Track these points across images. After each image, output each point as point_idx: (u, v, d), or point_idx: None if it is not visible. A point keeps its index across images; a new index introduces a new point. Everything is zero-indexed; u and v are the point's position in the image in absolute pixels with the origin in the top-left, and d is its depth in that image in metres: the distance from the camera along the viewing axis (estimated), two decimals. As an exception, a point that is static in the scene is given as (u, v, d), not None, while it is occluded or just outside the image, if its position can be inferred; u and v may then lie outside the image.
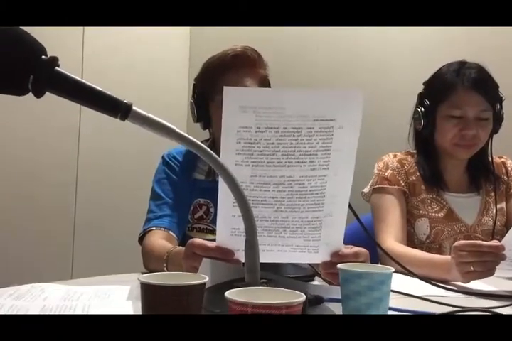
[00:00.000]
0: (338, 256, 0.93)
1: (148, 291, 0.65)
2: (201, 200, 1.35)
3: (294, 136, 0.84)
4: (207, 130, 1.42)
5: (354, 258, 0.94)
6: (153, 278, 0.67)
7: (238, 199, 0.72)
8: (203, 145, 0.72)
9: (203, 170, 1.37)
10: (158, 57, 2.38)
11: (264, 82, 1.36)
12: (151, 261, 1.18)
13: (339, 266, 0.82)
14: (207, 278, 0.69)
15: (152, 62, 2.36)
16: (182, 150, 1.40)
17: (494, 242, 1.07)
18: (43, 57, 0.67)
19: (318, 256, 0.94)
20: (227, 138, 0.84)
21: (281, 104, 0.82)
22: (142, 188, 1.46)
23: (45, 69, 0.67)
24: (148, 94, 2.30)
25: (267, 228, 0.90)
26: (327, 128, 0.85)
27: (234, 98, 0.82)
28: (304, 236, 0.92)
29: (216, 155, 0.72)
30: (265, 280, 0.79)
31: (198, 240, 0.94)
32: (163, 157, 1.41)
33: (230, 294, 0.59)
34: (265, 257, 0.92)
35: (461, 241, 1.09)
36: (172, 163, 1.39)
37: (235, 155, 0.84)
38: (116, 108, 0.69)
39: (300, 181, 0.87)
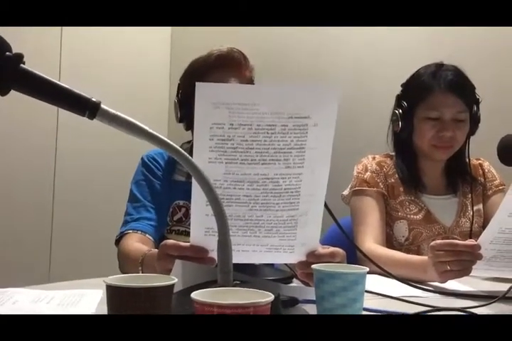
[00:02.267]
0: (314, 256, 0.92)
1: (113, 293, 0.63)
2: (180, 202, 1.34)
3: (268, 133, 0.83)
4: (190, 131, 1.41)
5: (330, 258, 0.92)
6: (119, 280, 0.65)
7: (210, 198, 0.71)
8: (173, 144, 0.70)
9: (183, 171, 1.36)
10: (139, 56, 2.36)
11: (250, 84, 1.35)
12: (127, 264, 1.16)
13: (313, 266, 0.81)
14: (175, 280, 0.67)
15: (133, 61, 2.34)
16: (162, 152, 1.38)
17: (471, 241, 1.07)
18: (7, 53, 0.65)
19: (293, 256, 0.93)
20: (200, 135, 0.82)
21: (255, 100, 0.81)
22: (121, 190, 1.44)
23: (9, 66, 0.65)
24: (129, 94, 2.29)
25: (241, 227, 0.89)
26: (301, 125, 0.84)
27: (206, 94, 0.80)
28: (280, 236, 0.91)
29: (187, 154, 0.70)
30: (238, 282, 0.78)
31: (171, 241, 0.92)
32: (142, 158, 1.39)
33: (196, 295, 0.57)
34: (240, 257, 0.90)
35: (438, 241, 1.08)
36: (151, 165, 1.37)
37: (208, 152, 0.83)
38: (84, 106, 0.67)
39: (275, 179, 0.86)
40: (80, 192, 2.12)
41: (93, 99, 0.67)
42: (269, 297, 0.57)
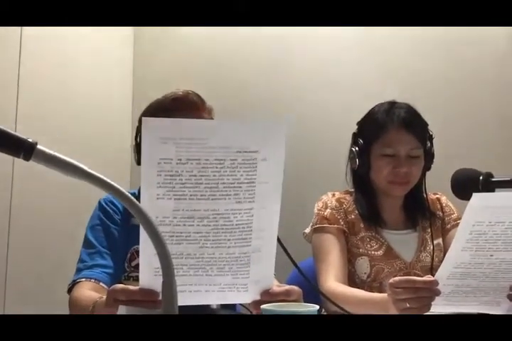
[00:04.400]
0: (268, 295, 0.89)
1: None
2: (138, 247, 1.30)
3: (216, 167, 0.83)
4: None
5: (285, 296, 0.90)
6: None
7: (153, 237, 0.68)
8: (114, 184, 0.68)
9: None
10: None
11: None
12: (77, 313, 1.10)
13: (262, 306, 0.79)
14: None
15: (94, 96, 2.32)
16: None
17: (428, 277, 1.06)
18: None
19: (247, 295, 0.90)
20: (147, 171, 0.81)
21: (203, 135, 0.81)
22: (78, 235, 1.39)
23: None
24: (90, 134, 2.26)
25: (192, 266, 0.86)
26: (250, 160, 0.84)
27: (153, 129, 0.80)
28: (232, 274, 0.88)
29: (126, 192, 0.68)
30: None
31: (119, 285, 0.89)
32: (99, 202, 1.35)
33: None
34: (192, 298, 0.87)
35: (396, 278, 1.07)
36: (108, 208, 1.33)
37: (156, 188, 0.81)
38: (19, 147, 0.65)
39: (225, 215, 0.85)
40: (34, 235, 2.05)
41: (29, 140, 0.65)
42: None
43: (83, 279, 1.20)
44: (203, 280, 0.87)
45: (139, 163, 1.36)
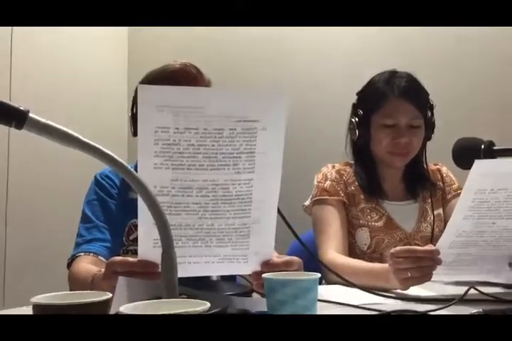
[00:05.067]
0: (268, 266, 0.89)
1: (39, 312, 0.58)
2: (137, 221, 1.28)
3: (215, 137, 0.81)
4: None
5: (286, 267, 0.89)
6: (49, 298, 0.60)
7: (151, 207, 0.67)
8: (110, 153, 0.66)
9: None
10: (95, 60, 2.31)
11: None
12: (76, 287, 1.10)
13: (264, 275, 0.78)
14: (108, 296, 0.62)
15: (88, 65, 2.28)
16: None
17: (429, 246, 1.05)
18: None
19: (247, 267, 0.90)
20: (144, 140, 0.79)
21: (201, 103, 0.79)
22: (75, 210, 1.38)
23: None
24: (85, 101, 2.23)
25: (191, 237, 0.85)
26: (250, 129, 0.82)
27: (150, 97, 0.78)
28: (232, 245, 0.87)
29: (122, 161, 0.67)
30: (185, 296, 0.74)
31: (118, 257, 0.88)
32: (95, 177, 1.33)
33: (126, 309, 0.53)
34: (191, 270, 0.86)
35: (397, 248, 1.07)
36: (105, 183, 1.31)
37: (153, 157, 0.79)
38: (10, 115, 0.62)
39: (224, 185, 0.83)
40: (32, 211, 2.04)
41: (21, 108, 0.63)
42: (204, 305, 0.53)
43: (82, 253, 1.20)
44: (202, 251, 0.86)
45: (135, 134, 1.34)
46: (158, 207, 0.69)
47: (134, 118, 1.33)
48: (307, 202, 1.51)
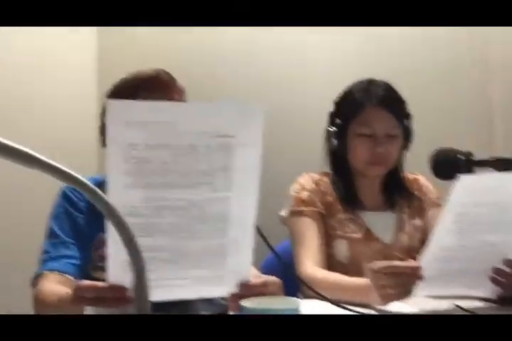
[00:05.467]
0: (245, 288, 0.85)
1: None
2: (105, 235, 1.23)
3: (189, 154, 0.76)
4: None
5: (263, 288, 0.85)
6: None
7: (118, 227, 0.62)
8: (74, 174, 0.61)
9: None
10: (64, 64, 2.23)
11: None
12: (43, 309, 1.04)
13: (241, 302, 0.74)
14: None
15: (56, 69, 2.20)
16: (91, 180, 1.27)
17: (410, 262, 1.03)
18: None
19: (224, 289, 0.85)
20: (113, 157, 0.74)
21: (173, 118, 0.74)
22: (40, 226, 1.30)
23: None
24: (55, 110, 2.15)
25: (165, 259, 0.80)
26: (226, 145, 0.77)
27: (119, 112, 0.73)
28: (208, 267, 0.83)
29: (82, 178, 0.61)
30: None
31: (85, 282, 0.82)
32: (62, 190, 1.26)
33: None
34: (165, 293, 0.82)
35: (377, 263, 1.04)
36: (72, 196, 1.24)
37: (123, 175, 0.74)
38: None
39: (199, 204, 0.79)
40: None
41: None
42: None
43: (47, 271, 1.13)
44: (177, 273, 0.82)
45: (104, 144, 1.28)
46: (127, 229, 0.64)
47: (102, 129, 1.28)
48: (283, 213, 1.47)
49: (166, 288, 0.81)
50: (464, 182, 0.90)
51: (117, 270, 0.78)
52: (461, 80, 2.02)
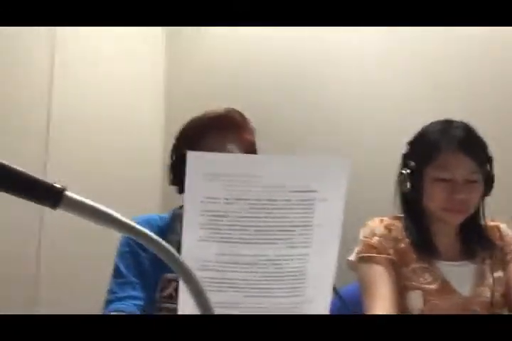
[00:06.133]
0: None
1: None
2: (170, 275, 1.20)
3: (268, 208, 0.73)
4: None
5: None
6: None
7: (191, 289, 0.58)
8: (152, 235, 0.59)
9: (175, 240, 1.23)
10: (131, 107, 2.28)
11: (251, 149, 1.25)
12: None
13: None
14: None
15: (123, 110, 2.24)
16: (149, 219, 1.27)
17: None
18: None
19: None
20: (190, 210, 0.72)
21: (254, 172, 0.71)
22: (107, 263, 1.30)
23: None
24: (120, 154, 2.18)
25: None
26: (307, 200, 0.73)
27: (199, 164, 0.71)
28: None
29: (166, 245, 0.59)
30: None
31: None
32: None
33: None
34: None
35: None
36: None
37: (198, 229, 0.72)
38: (44, 195, 0.54)
39: (276, 261, 0.75)
40: (66, 266, 1.97)
41: (56, 185, 0.55)
42: None
43: (114, 312, 1.12)
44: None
45: (172, 183, 1.28)
46: (196, 283, 0.60)
47: (172, 167, 1.28)
48: (351, 258, 1.40)
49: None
50: None
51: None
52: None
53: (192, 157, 0.70)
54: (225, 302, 0.76)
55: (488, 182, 1.34)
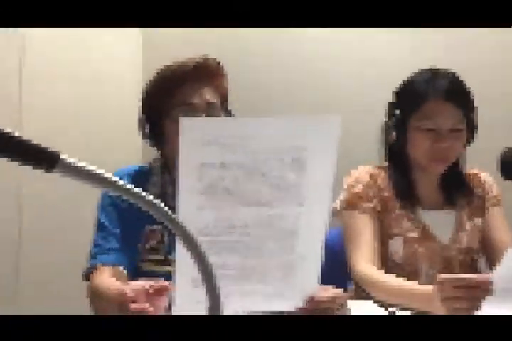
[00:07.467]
0: (313, 302, 0.82)
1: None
2: (154, 227, 1.21)
3: (263, 169, 0.72)
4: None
5: (331, 303, 0.82)
6: None
7: (192, 251, 0.59)
8: (148, 197, 0.58)
9: (155, 193, 1.22)
10: (108, 60, 2.21)
11: (225, 95, 1.23)
12: (101, 305, 1.04)
13: None
14: None
15: (101, 66, 2.18)
16: (130, 172, 1.25)
17: (482, 276, 0.98)
18: None
19: (291, 304, 0.83)
20: (186, 177, 0.71)
21: (249, 135, 0.70)
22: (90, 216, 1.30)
23: None
24: (97, 98, 2.14)
25: (232, 277, 0.78)
26: (300, 159, 0.73)
27: (194, 130, 0.69)
28: (275, 283, 0.80)
29: (160, 205, 0.58)
30: None
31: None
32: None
33: None
34: (232, 309, 0.79)
35: (446, 276, 0.99)
36: None
37: (197, 195, 0.71)
38: (40, 158, 0.55)
39: (269, 221, 0.76)
40: (47, 221, 1.98)
41: (51, 150, 0.55)
42: None
43: (100, 265, 1.14)
44: (243, 290, 0.79)
45: (145, 137, 1.24)
46: (198, 248, 0.61)
47: (147, 121, 1.22)
48: (335, 205, 1.42)
49: (233, 303, 0.79)
50: None
51: (186, 288, 0.76)
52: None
53: (185, 123, 0.68)
54: (221, 265, 0.77)
55: (472, 131, 1.35)
